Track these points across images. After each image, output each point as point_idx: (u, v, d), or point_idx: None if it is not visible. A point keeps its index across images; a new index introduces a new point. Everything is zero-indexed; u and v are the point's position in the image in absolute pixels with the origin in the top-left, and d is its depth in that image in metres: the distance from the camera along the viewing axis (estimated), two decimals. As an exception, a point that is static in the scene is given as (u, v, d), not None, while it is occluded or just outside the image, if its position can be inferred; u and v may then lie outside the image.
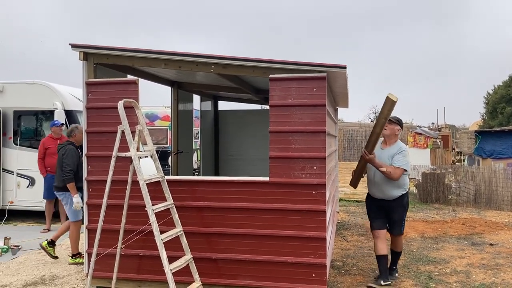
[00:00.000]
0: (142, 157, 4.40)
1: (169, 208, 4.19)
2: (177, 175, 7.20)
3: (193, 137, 8.72)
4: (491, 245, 6.60)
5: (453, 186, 11.40)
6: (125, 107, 4.10)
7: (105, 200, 4.19)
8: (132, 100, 4.25)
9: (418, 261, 5.76)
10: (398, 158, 4.73)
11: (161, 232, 3.91)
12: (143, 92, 4.77)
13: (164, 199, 4.24)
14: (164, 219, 4.23)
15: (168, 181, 4.35)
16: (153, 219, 3.83)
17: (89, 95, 4.70)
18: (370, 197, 5.07)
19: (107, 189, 4.16)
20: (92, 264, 4.30)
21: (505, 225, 8.07)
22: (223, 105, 9.33)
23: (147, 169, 4.84)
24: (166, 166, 10.58)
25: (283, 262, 4.30)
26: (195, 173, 10.13)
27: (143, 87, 4.79)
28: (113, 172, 4.20)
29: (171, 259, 3.94)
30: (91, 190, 4.71)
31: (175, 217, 4.20)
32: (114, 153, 4.13)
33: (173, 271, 3.81)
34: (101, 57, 4.71)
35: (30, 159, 8.41)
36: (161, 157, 7.88)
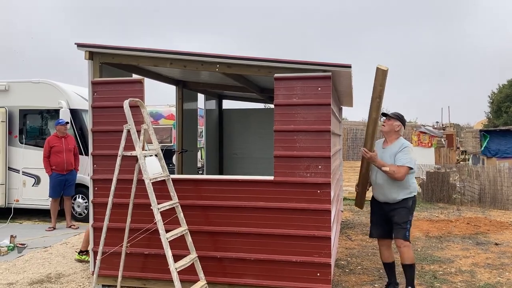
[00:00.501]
0: (147, 156, 4.41)
1: (174, 207, 4.21)
2: (181, 173, 7.21)
3: (197, 136, 8.74)
4: (496, 244, 6.58)
5: (458, 185, 11.37)
6: (130, 106, 4.12)
7: (111, 199, 4.21)
8: (137, 99, 4.26)
9: (423, 260, 5.76)
10: (401, 156, 4.28)
11: (166, 231, 3.93)
12: (148, 91, 4.78)
13: (169, 198, 4.26)
14: (169, 218, 4.24)
15: (173, 180, 4.37)
16: (158, 218, 3.84)
17: (95, 94, 4.72)
18: (374, 200, 4.68)
19: (113, 188, 4.19)
20: (98, 262, 4.32)
21: (510, 225, 8.04)
22: (227, 104, 9.36)
23: (152, 168, 4.85)
24: (171, 165, 10.59)
25: (287, 261, 4.31)
26: (199, 172, 10.14)
27: (148, 86, 4.79)
28: (119, 171, 4.21)
29: (176, 258, 3.95)
30: (96, 188, 4.73)
31: (180, 216, 4.22)
32: (120, 152, 4.14)
33: (178, 270, 3.83)
34: (106, 56, 4.72)
35: (36, 157, 8.46)
36: (165, 156, 7.88)
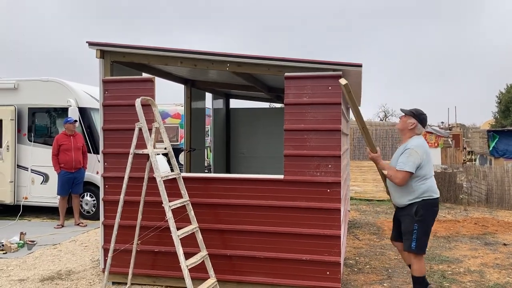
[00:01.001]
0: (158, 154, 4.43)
1: (184, 205, 4.23)
2: (189, 172, 7.24)
3: (205, 134, 8.78)
4: (504, 245, 6.56)
5: (465, 185, 11.32)
6: (142, 105, 4.14)
7: (122, 197, 4.24)
8: (149, 98, 4.29)
9: (431, 260, 5.75)
10: (401, 159, 4.02)
11: (177, 229, 3.95)
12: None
13: (178, 195, 4.28)
14: (180, 215, 4.27)
15: (183, 178, 4.39)
16: (169, 215, 3.87)
17: (106, 92, 4.75)
18: None
19: (124, 186, 4.21)
20: (109, 259, 4.35)
21: (518, 225, 8.01)
22: (234, 103, 9.38)
23: (160, 166, 4.88)
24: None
25: (297, 260, 4.32)
26: (206, 171, 10.17)
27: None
28: (130, 169, 4.24)
29: (186, 255, 3.98)
30: (107, 186, 4.77)
31: (191, 213, 4.24)
32: (132, 150, 4.17)
33: (189, 267, 3.85)
34: (117, 55, 4.76)
35: (44, 155, 8.51)
36: (175, 154, 7.94)
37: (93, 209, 8.57)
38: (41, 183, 8.72)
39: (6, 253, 6.13)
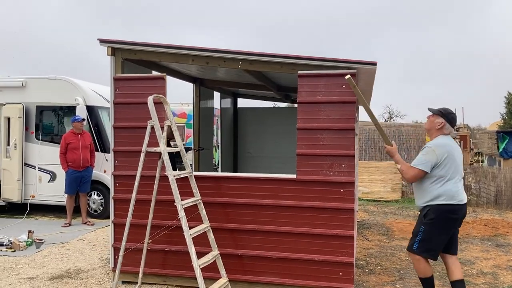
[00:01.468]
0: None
1: (196, 204, 4.19)
2: (198, 171, 7.19)
3: (213, 134, 8.74)
4: (516, 247, 6.49)
5: (473, 186, 11.23)
6: (153, 103, 4.10)
7: (134, 195, 4.20)
8: (161, 95, 4.25)
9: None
10: (417, 156, 3.92)
11: (189, 228, 3.91)
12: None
13: (188, 194, 4.23)
14: (191, 214, 4.22)
15: (195, 177, 4.35)
16: (182, 214, 3.82)
17: (117, 90, 4.72)
18: None
19: (136, 184, 4.17)
20: (120, 258, 4.31)
21: (529, 227, 7.92)
22: (240, 102, 9.33)
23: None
24: (182, 164, 10.59)
25: (309, 260, 4.27)
26: (214, 170, 10.13)
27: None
28: (142, 167, 4.20)
29: (197, 255, 3.93)
30: (117, 184, 4.73)
31: (203, 212, 4.20)
32: (144, 148, 4.13)
33: (201, 267, 3.81)
34: (129, 52, 4.72)
35: (52, 153, 8.50)
36: (178, 154, 7.91)
37: (100, 208, 8.54)
38: (48, 182, 8.71)
39: (15, 251, 6.11)
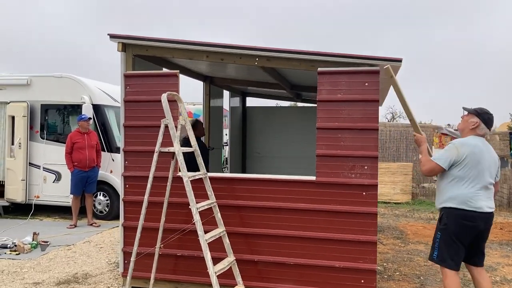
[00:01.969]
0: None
1: (211, 207, 3.99)
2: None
3: (223, 133, 8.55)
4: (537, 252, 6.27)
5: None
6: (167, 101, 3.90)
7: (146, 197, 4.00)
8: (175, 93, 4.05)
9: (464, 267, 5.44)
10: (440, 151, 3.78)
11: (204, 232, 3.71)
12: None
13: (201, 197, 4.03)
14: (205, 218, 4.02)
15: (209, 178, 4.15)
16: (197, 218, 3.62)
17: (127, 87, 4.52)
18: None
19: (149, 186, 3.97)
20: (131, 264, 4.11)
21: (546, 231, 7.70)
22: (249, 101, 9.14)
23: None
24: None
25: (329, 267, 4.06)
26: (223, 170, 9.95)
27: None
28: (155, 168, 4.00)
29: (213, 261, 3.73)
30: (127, 186, 4.53)
31: (218, 216, 4.00)
32: (157, 148, 3.93)
33: (217, 274, 3.61)
34: (140, 48, 4.52)
35: (57, 153, 8.32)
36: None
37: (107, 209, 8.36)
38: (53, 182, 8.53)
39: (19, 253, 5.92)
